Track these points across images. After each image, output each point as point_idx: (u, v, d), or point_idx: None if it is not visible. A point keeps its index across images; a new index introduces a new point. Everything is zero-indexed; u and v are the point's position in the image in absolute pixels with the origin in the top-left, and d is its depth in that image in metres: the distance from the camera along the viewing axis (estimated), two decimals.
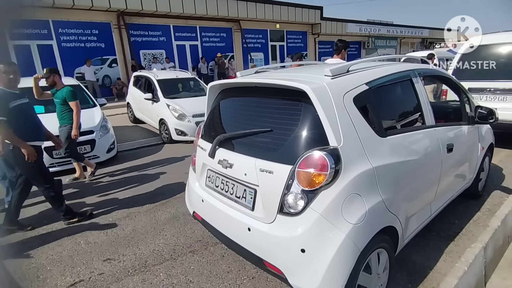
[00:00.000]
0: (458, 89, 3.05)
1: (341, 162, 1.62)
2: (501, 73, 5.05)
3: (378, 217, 1.76)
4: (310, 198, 1.62)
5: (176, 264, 2.56)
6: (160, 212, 3.51)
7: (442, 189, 2.54)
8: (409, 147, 2.15)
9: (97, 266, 2.58)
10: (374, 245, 1.75)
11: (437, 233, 2.85)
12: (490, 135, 3.50)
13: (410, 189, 2.11)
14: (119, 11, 12.00)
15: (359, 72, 2.02)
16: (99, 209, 3.63)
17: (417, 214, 2.23)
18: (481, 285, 2.30)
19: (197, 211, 2.40)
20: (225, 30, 15.89)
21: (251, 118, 2.09)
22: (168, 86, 7.30)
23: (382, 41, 23.69)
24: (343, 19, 20.18)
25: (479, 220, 3.08)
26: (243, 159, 1.91)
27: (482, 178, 3.47)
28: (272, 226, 1.73)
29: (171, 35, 14.10)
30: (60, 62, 11.45)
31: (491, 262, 2.48)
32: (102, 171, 4.96)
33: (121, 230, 3.15)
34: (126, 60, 12.83)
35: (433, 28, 26.32)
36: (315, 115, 1.68)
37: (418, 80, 2.40)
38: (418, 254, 2.54)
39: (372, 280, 1.84)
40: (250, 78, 2.26)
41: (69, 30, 11.52)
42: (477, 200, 3.45)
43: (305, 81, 1.80)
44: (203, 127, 2.49)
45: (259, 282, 2.31)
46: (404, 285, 2.22)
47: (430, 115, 2.40)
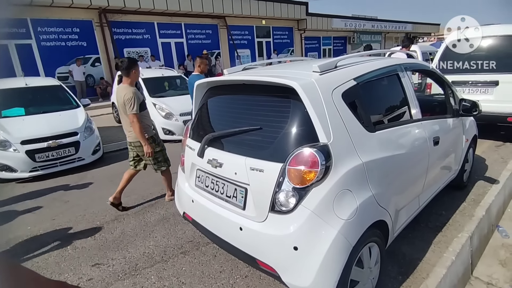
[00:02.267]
0: (443, 82, 3.11)
1: (331, 159, 1.62)
2: (482, 66, 5.18)
3: (369, 212, 1.77)
4: (301, 195, 1.61)
5: (168, 266, 2.52)
6: (149, 213, 3.45)
7: (430, 181, 2.58)
8: (398, 141, 2.17)
9: (85, 271, 2.51)
10: (366, 239, 1.76)
11: (425, 225, 2.91)
12: (474, 127, 3.58)
13: (399, 182, 2.14)
14: (101, 9, 11.66)
15: (347, 68, 2.02)
16: (85, 212, 3.54)
17: (406, 207, 2.26)
18: (468, 273, 2.36)
19: (188, 212, 2.37)
20: (211, 27, 15.71)
21: (239, 116, 2.06)
22: (154, 85, 7.17)
23: (367, 36, 23.98)
24: (329, 15, 20.30)
25: (465, 210, 3.16)
26: (233, 158, 1.89)
27: (467, 169, 3.56)
28: (264, 225, 1.72)
29: (155, 33, 13.83)
30: (41, 62, 11.06)
31: (477, 250, 2.55)
32: (88, 174, 4.84)
33: (110, 233, 3.08)
34: (110, 59, 12.50)
35: (416, 23, 26.83)
36: (304, 112, 1.67)
37: (404, 75, 2.42)
38: (407, 246, 2.59)
39: (364, 274, 1.85)
40: (238, 76, 2.23)
41: (49, 29, 11.12)
42: (462, 190, 3.54)
43: (293, 77, 1.79)
44: (191, 126, 2.44)
45: (252, 280, 2.30)
46: (395, 277, 2.26)
47: (417, 108, 2.43)
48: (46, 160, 4.64)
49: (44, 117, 5.10)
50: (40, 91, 5.65)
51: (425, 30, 28.67)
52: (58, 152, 4.72)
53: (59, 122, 5.01)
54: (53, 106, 5.48)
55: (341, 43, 23.12)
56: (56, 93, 5.90)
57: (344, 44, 23.33)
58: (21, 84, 5.45)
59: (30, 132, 4.58)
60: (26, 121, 4.88)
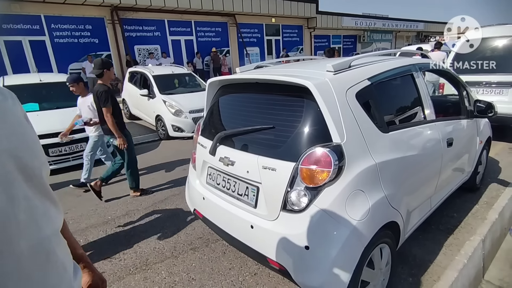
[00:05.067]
0: (458, 83, 3.06)
1: (344, 159, 1.61)
2: (497, 67, 5.08)
3: (381, 213, 1.76)
4: (313, 195, 1.61)
5: (178, 261, 2.55)
6: (160, 209, 3.49)
7: (442, 183, 2.55)
8: (411, 142, 2.15)
9: (97, 265, 2.56)
10: (377, 240, 1.75)
11: (437, 227, 2.87)
12: (488, 129, 3.52)
13: (411, 184, 2.12)
14: (113, 6, 11.78)
15: (361, 67, 2.01)
16: (97, 207, 3.60)
17: (418, 208, 2.24)
18: (479, 276, 2.34)
19: (198, 209, 2.39)
20: (220, 25, 15.72)
21: (252, 115, 2.07)
22: (164, 82, 7.23)
23: (377, 34, 23.66)
24: (339, 13, 20.08)
25: (477, 213, 3.11)
26: (245, 157, 1.90)
27: (480, 171, 3.50)
28: (276, 223, 1.73)
29: (166, 30, 13.92)
30: (54, 58, 11.26)
31: (489, 254, 2.52)
32: (99, 169, 4.91)
33: (120, 228, 3.13)
34: (121, 56, 12.64)
35: (428, 22, 26.34)
36: (318, 111, 1.67)
37: (419, 75, 2.39)
38: (418, 248, 2.57)
39: (375, 275, 1.85)
40: (251, 74, 2.24)
41: (62, 26, 11.29)
42: (474, 193, 3.48)
43: (307, 77, 1.78)
44: (202, 124, 2.46)
45: (261, 278, 2.31)
46: (406, 278, 2.24)
47: (431, 109, 2.40)
48: (59, 154, 4.74)
49: (58, 112, 5.19)
50: (53, 87, 5.75)
51: (437, 29, 28.09)
52: (71, 147, 4.81)
53: (72, 118, 5.09)
54: (66, 101, 5.56)
55: (351, 42, 22.87)
56: (69, 89, 5.99)
57: (354, 42, 23.08)
58: (36, 80, 5.57)
59: (44, 127, 4.67)
60: (40, 116, 4.98)
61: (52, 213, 0.65)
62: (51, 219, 0.64)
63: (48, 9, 10.72)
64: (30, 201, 0.58)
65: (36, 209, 0.60)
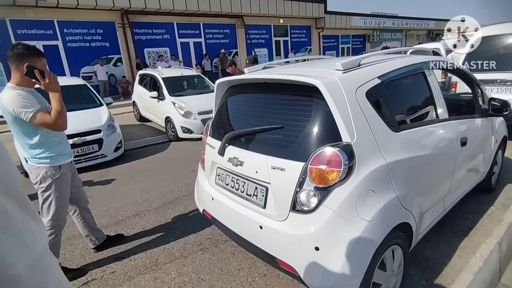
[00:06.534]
0: (471, 81, 2.98)
1: (354, 158, 1.59)
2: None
3: (392, 214, 1.73)
4: (323, 195, 1.59)
5: (187, 262, 2.56)
6: (169, 210, 3.51)
7: (456, 183, 2.49)
8: (423, 142, 2.11)
9: (108, 265, 2.59)
10: (389, 242, 1.72)
11: (450, 229, 2.80)
12: (504, 128, 3.42)
13: (424, 184, 2.07)
14: (123, 10, 12.00)
15: (371, 66, 1.98)
16: (108, 208, 3.65)
17: (431, 209, 2.19)
18: (495, 280, 2.26)
19: (207, 209, 2.39)
20: (229, 27, 15.81)
21: (260, 115, 2.06)
22: (173, 84, 7.30)
23: (387, 34, 23.37)
24: (347, 13, 19.93)
25: (493, 214, 3.02)
26: (254, 157, 1.89)
27: (496, 172, 3.40)
28: (285, 224, 1.71)
29: (175, 33, 14.09)
30: (66, 62, 11.53)
31: (505, 256, 2.44)
32: (110, 170, 4.99)
33: (131, 228, 3.16)
34: (131, 59, 12.85)
35: (439, 20, 25.86)
36: (327, 111, 1.65)
37: (430, 73, 2.34)
38: (431, 250, 2.51)
39: (387, 277, 1.81)
40: (259, 74, 2.23)
41: (74, 30, 11.57)
42: (490, 194, 3.39)
43: (316, 76, 1.77)
44: (211, 125, 2.46)
45: (270, 279, 2.30)
46: (418, 281, 2.19)
47: (444, 108, 2.34)
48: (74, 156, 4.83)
49: (70, 115, 5.17)
50: (66, 90, 5.80)
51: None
52: (83, 148, 4.90)
53: (84, 120, 5.19)
54: (79, 104, 5.69)
55: (360, 42, 22.66)
56: (81, 92, 6.13)
57: (363, 42, 22.86)
58: None
59: None
60: None
61: (35, 229, 0.56)
62: (35, 237, 0.55)
63: (61, 14, 10.99)
64: (10, 217, 0.50)
65: (19, 226, 0.52)
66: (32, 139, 2.20)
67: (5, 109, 2.09)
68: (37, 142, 2.21)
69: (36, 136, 2.20)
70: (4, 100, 2.08)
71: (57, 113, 2.14)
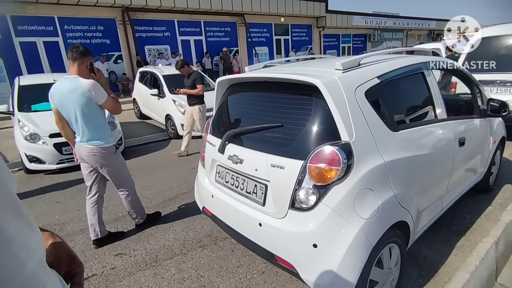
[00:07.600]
0: (470, 81, 3.00)
1: (353, 157, 1.61)
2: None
3: (390, 212, 1.75)
4: (322, 193, 1.61)
5: (187, 258, 2.59)
6: (169, 207, 3.54)
7: (454, 183, 2.51)
8: (421, 141, 2.12)
9: (109, 260, 2.62)
10: (386, 240, 1.74)
11: (448, 228, 2.83)
12: (502, 129, 3.44)
13: (422, 183, 2.09)
14: (124, 7, 11.98)
15: (370, 66, 1.99)
16: (108, 204, 3.67)
17: (428, 208, 2.21)
18: (492, 279, 2.29)
19: (207, 207, 2.41)
20: (230, 25, 15.79)
21: (260, 113, 2.08)
22: (174, 82, 7.29)
23: (388, 33, 23.34)
24: (349, 12, 19.89)
25: (490, 214, 3.04)
26: (254, 155, 1.91)
27: (494, 172, 3.42)
28: (284, 221, 1.73)
29: (175, 30, 14.07)
30: (67, 59, 11.49)
31: (502, 256, 2.46)
32: None
33: (131, 225, 3.18)
34: (131, 56, 12.85)
35: (440, 20, 25.82)
36: (327, 110, 1.67)
37: (430, 73, 2.36)
38: (428, 249, 2.53)
39: (384, 275, 1.83)
40: (259, 73, 2.25)
41: (75, 27, 11.55)
42: (488, 194, 3.41)
43: (316, 75, 1.78)
44: (211, 123, 2.48)
45: (269, 276, 2.32)
46: (415, 279, 2.22)
47: (442, 108, 2.36)
48: (72, 153, 4.83)
49: None
50: None
51: None
52: None
53: None
54: None
55: (361, 41, 22.63)
56: None
57: (364, 42, 22.83)
58: (50, 80, 5.69)
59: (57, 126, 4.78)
60: (53, 116, 5.09)
61: (31, 239, 0.49)
62: (30, 249, 0.48)
63: (62, 11, 10.98)
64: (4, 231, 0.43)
65: (13, 239, 0.44)
66: (99, 121, 2.63)
67: (85, 92, 2.45)
68: (104, 125, 2.68)
69: (103, 118, 2.66)
70: (85, 84, 2.46)
71: (116, 100, 2.69)
